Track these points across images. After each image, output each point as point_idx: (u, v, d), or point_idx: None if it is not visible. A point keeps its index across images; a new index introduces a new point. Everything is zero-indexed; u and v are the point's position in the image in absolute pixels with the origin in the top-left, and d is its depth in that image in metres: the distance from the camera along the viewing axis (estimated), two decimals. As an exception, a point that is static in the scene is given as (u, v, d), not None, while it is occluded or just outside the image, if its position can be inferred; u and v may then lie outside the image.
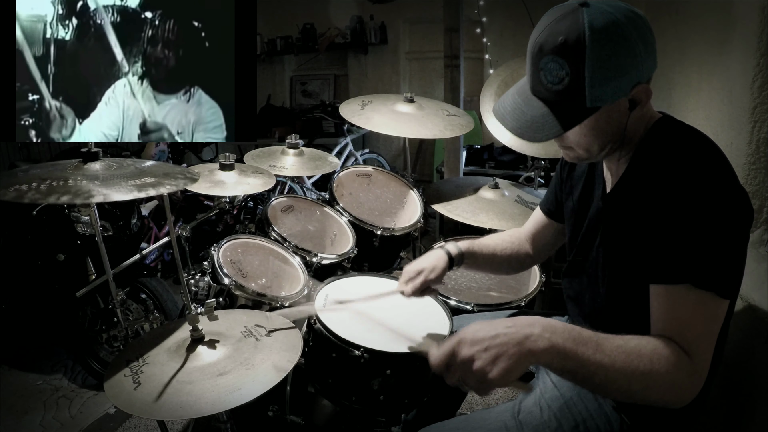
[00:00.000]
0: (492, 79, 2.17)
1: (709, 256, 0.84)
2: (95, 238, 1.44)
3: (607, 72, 0.84)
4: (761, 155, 1.38)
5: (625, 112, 0.91)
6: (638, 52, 0.84)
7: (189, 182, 1.27)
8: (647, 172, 0.93)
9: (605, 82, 0.85)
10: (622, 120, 0.92)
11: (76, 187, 1.11)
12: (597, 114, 0.89)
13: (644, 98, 0.89)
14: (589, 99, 0.86)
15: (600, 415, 1.04)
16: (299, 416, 1.56)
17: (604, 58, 0.83)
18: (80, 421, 2.17)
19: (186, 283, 1.63)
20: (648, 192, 0.91)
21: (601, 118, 0.90)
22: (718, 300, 0.85)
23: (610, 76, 0.85)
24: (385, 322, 1.33)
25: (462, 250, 1.30)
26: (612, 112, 0.90)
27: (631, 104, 0.90)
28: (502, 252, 1.36)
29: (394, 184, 2.21)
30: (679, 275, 0.85)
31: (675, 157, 0.89)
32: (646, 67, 0.87)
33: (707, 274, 0.84)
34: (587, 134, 0.93)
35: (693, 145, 0.90)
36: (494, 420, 1.09)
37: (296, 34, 5.02)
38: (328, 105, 4.71)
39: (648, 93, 0.89)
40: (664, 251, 0.87)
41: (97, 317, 2.27)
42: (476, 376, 0.80)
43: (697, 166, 0.86)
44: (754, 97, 1.37)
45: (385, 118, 2.03)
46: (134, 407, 1.01)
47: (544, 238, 1.36)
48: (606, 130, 0.93)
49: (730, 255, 0.87)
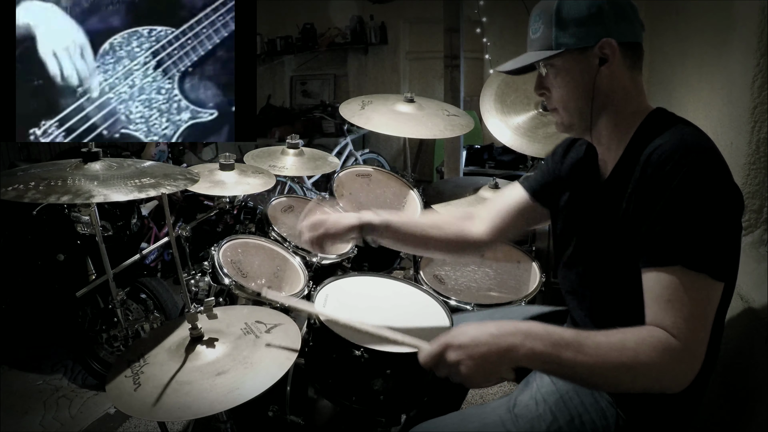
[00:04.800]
0: (492, 79, 2.17)
1: (700, 237, 0.85)
2: (95, 238, 1.45)
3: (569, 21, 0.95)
4: (761, 155, 1.38)
5: (594, 67, 0.97)
6: (605, 13, 0.94)
7: (189, 183, 1.27)
8: (639, 159, 0.94)
9: (565, 28, 0.96)
10: (591, 74, 0.97)
11: (75, 187, 1.11)
12: (567, 62, 0.98)
13: (611, 53, 0.95)
14: (554, 43, 0.97)
15: (596, 410, 1.04)
16: (299, 416, 1.56)
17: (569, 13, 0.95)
18: (80, 421, 2.17)
19: (186, 283, 1.62)
20: (640, 178, 0.92)
21: (572, 68, 0.98)
22: (711, 282, 0.85)
23: (571, 25, 0.95)
24: (385, 322, 1.33)
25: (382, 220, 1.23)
26: (581, 64, 0.97)
27: (600, 61, 0.96)
28: (440, 231, 1.28)
29: (394, 184, 2.21)
30: (670, 257, 0.86)
31: (665, 142, 0.90)
32: (614, 25, 0.95)
33: (699, 255, 0.84)
34: (562, 85, 1.01)
35: (683, 132, 0.92)
36: (490, 414, 1.09)
37: (296, 34, 5.03)
38: (328, 105, 4.71)
39: (614, 51, 0.95)
40: (654, 234, 0.88)
41: (97, 317, 2.27)
42: (462, 378, 0.89)
43: (686, 150, 0.88)
44: (754, 97, 1.37)
45: (385, 118, 2.03)
46: (134, 409, 1.01)
47: (513, 220, 1.27)
48: (576, 82, 0.99)
49: (722, 237, 0.87)
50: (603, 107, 1.00)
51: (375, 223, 1.23)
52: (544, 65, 1.02)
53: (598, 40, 0.94)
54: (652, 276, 0.88)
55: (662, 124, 0.96)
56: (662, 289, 0.86)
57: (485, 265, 1.92)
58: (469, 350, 0.88)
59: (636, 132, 0.99)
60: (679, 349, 0.83)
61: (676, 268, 0.85)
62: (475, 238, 1.29)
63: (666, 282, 0.86)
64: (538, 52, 1.00)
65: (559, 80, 1.01)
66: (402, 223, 1.27)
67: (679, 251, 0.85)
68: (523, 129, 2.02)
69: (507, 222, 1.28)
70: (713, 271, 0.85)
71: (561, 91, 1.02)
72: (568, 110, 1.03)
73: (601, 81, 0.97)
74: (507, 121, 2.05)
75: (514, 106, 2.08)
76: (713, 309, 0.87)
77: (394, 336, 1.02)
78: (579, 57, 0.97)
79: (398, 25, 4.77)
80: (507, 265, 1.91)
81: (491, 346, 0.87)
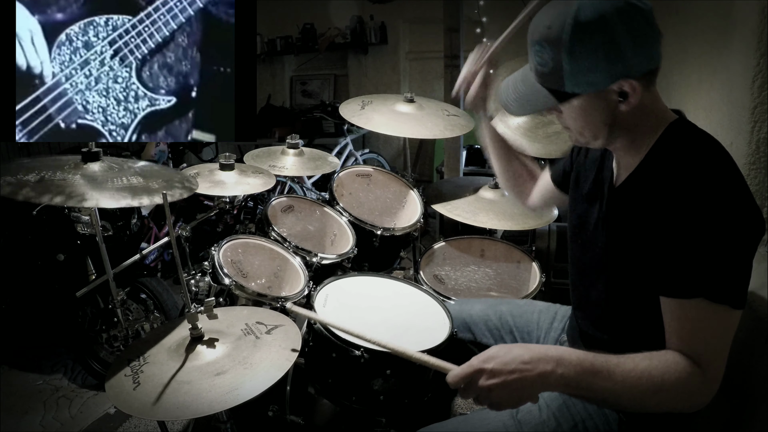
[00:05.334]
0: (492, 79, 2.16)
1: (723, 270, 0.84)
2: (95, 238, 1.44)
3: (583, 66, 0.87)
4: (761, 155, 1.38)
5: (614, 103, 0.91)
6: (623, 48, 0.85)
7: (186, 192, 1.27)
8: (659, 176, 0.92)
9: (581, 73, 0.88)
10: (610, 110, 0.92)
11: (69, 188, 1.10)
12: (583, 100, 0.92)
13: (631, 92, 0.89)
14: (567, 86, 0.90)
15: (599, 415, 1.04)
16: (299, 416, 1.56)
17: (582, 53, 0.86)
18: (80, 421, 2.17)
19: (186, 283, 1.62)
20: (659, 199, 0.90)
21: (588, 104, 0.92)
22: (732, 311, 0.86)
23: (585, 70, 0.87)
24: (385, 321, 1.33)
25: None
26: (599, 101, 0.92)
27: (620, 94, 0.90)
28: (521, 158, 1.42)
29: (394, 184, 2.21)
30: (692, 290, 0.86)
31: (689, 166, 0.88)
32: (635, 63, 0.86)
33: (721, 287, 0.85)
34: (577, 118, 0.96)
35: (707, 154, 0.90)
36: (493, 419, 1.09)
37: (296, 34, 5.02)
38: (328, 105, 4.71)
39: (635, 88, 0.88)
40: (676, 265, 0.87)
41: (97, 317, 2.27)
42: (491, 402, 0.88)
43: (711, 178, 0.86)
44: (754, 97, 1.37)
45: (384, 118, 2.03)
46: (133, 408, 1.01)
47: (547, 197, 1.39)
48: (594, 117, 0.94)
49: (743, 268, 0.87)
50: (620, 129, 0.96)
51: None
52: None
53: (616, 80, 0.88)
54: (673, 305, 0.89)
55: (683, 142, 0.93)
56: (684, 318, 0.87)
57: (485, 265, 1.92)
58: (502, 377, 0.87)
59: (655, 144, 0.96)
60: (701, 375, 0.85)
61: (698, 300, 0.85)
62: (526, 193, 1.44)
63: (688, 312, 0.87)
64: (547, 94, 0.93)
65: (573, 114, 0.96)
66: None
67: (701, 284, 0.85)
68: (523, 129, 2.02)
69: (544, 196, 1.40)
70: (734, 301, 0.85)
71: (575, 122, 0.97)
72: (583, 135, 0.99)
73: (618, 113, 0.93)
74: (507, 121, 2.05)
75: (514, 106, 2.07)
76: (732, 335, 0.88)
77: (421, 357, 1.01)
78: (596, 97, 0.91)
79: (398, 25, 4.77)
80: (507, 265, 1.91)
81: (524, 373, 0.86)
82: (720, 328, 0.86)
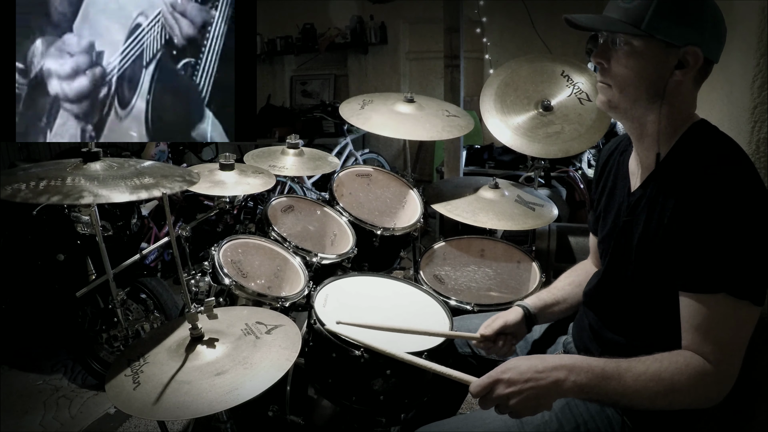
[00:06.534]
0: (492, 79, 2.17)
1: (746, 264, 0.85)
2: (95, 238, 1.44)
3: (670, 12, 0.90)
4: (761, 155, 1.38)
5: (670, 67, 0.92)
6: (705, 20, 0.91)
7: (188, 184, 1.27)
8: (680, 175, 0.93)
9: (664, 18, 0.90)
10: (664, 72, 0.93)
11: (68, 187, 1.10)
12: (648, 49, 0.93)
13: (692, 63, 0.91)
14: (646, 23, 0.91)
15: (601, 417, 1.04)
16: (299, 416, 1.56)
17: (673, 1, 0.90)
18: (80, 421, 2.17)
19: (186, 283, 1.62)
20: (680, 197, 0.91)
21: (650, 54, 0.93)
22: (753, 308, 0.86)
23: (669, 17, 0.90)
24: (385, 322, 1.34)
25: (537, 306, 1.28)
26: (660, 57, 0.93)
27: (678, 64, 0.92)
28: (575, 295, 1.29)
29: (394, 184, 2.21)
30: (715, 284, 0.86)
31: (710, 164, 0.89)
32: (708, 39, 0.91)
33: (744, 282, 0.85)
34: (631, 67, 0.95)
35: (728, 153, 0.92)
36: (494, 419, 1.09)
37: (296, 34, 5.02)
38: (328, 105, 4.71)
39: (697, 61, 0.91)
40: (699, 259, 0.87)
41: (97, 317, 2.27)
42: (510, 410, 0.94)
43: (732, 174, 0.87)
44: (754, 97, 1.37)
45: (384, 119, 2.03)
46: (133, 408, 1.01)
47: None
48: (647, 72, 0.94)
49: (765, 263, 0.87)
50: (658, 106, 0.97)
51: (537, 307, 1.29)
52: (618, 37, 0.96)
53: (688, 43, 0.90)
54: (692, 300, 0.89)
55: (707, 140, 0.95)
56: (703, 315, 0.88)
57: (485, 265, 1.92)
58: (518, 386, 0.92)
59: (678, 141, 0.97)
60: (714, 374, 0.86)
61: (720, 296, 0.85)
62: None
63: (707, 308, 0.87)
64: (624, 23, 0.93)
65: (630, 62, 0.95)
66: (552, 298, 1.31)
67: (724, 278, 0.85)
68: (523, 129, 2.02)
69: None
70: (756, 297, 0.85)
71: (626, 72, 0.96)
72: (624, 93, 0.98)
73: (670, 82, 0.94)
74: (507, 121, 2.05)
75: (514, 106, 2.08)
76: (750, 333, 0.88)
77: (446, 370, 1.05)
78: (661, 50, 0.92)
79: (398, 25, 4.77)
80: (507, 265, 1.91)
81: (539, 381, 0.92)
82: (740, 324, 0.87)
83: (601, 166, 1.23)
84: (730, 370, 0.87)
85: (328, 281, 1.48)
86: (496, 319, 1.26)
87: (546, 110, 2.04)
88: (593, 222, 1.27)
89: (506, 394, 0.93)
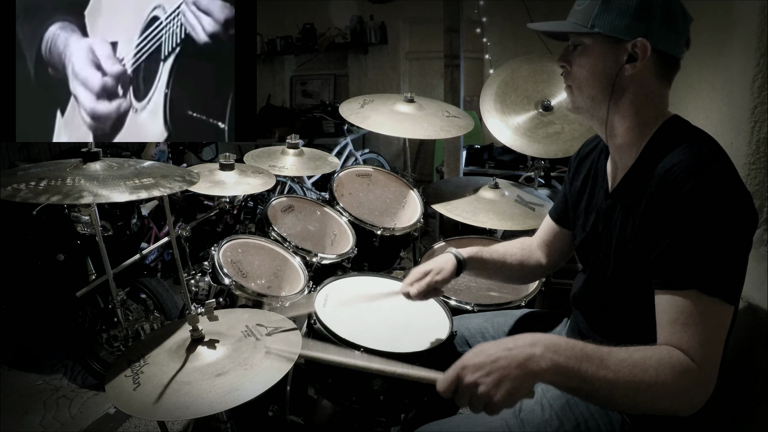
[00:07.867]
0: (492, 79, 2.17)
1: (716, 261, 0.84)
2: (95, 238, 1.44)
3: (614, 8, 0.93)
4: (761, 155, 1.38)
5: (620, 62, 0.95)
6: (654, 12, 0.92)
7: (188, 184, 1.27)
8: (653, 173, 0.93)
9: (608, 14, 0.94)
10: (614, 67, 0.96)
11: (72, 187, 1.11)
12: (595, 45, 0.97)
13: (641, 55, 0.93)
14: (591, 21, 0.95)
15: (601, 415, 1.04)
16: (299, 416, 1.56)
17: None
18: (80, 421, 2.17)
19: (186, 283, 1.62)
20: (655, 194, 0.91)
21: (599, 50, 0.97)
22: (725, 306, 0.85)
23: (614, 13, 0.93)
24: (385, 321, 1.33)
25: (470, 254, 1.29)
26: (608, 52, 0.96)
27: (629, 58, 0.94)
28: (512, 258, 1.34)
29: (394, 184, 2.21)
30: (685, 281, 0.85)
31: (683, 160, 0.89)
32: (657, 31, 0.92)
33: (714, 279, 0.84)
34: (584, 66, 0.99)
35: (701, 148, 0.91)
36: (495, 418, 1.08)
37: (296, 34, 5.02)
38: (328, 105, 4.71)
39: (645, 53, 0.93)
40: (670, 257, 0.87)
41: (97, 317, 2.27)
42: (482, 400, 0.82)
43: (704, 170, 0.86)
44: (754, 97, 1.37)
45: (384, 117, 2.03)
46: (133, 408, 1.01)
47: (555, 246, 1.34)
48: (598, 69, 0.98)
49: (737, 260, 0.87)
50: (619, 104, 0.99)
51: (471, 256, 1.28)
52: (573, 39, 1.01)
53: (634, 37, 0.93)
54: (666, 298, 0.88)
55: (678, 136, 0.95)
56: (677, 312, 0.86)
57: (485, 265, 1.92)
58: (486, 368, 0.81)
59: (651, 140, 0.98)
60: (696, 371, 0.83)
61: (692, 292, 0.84)
62: (540, 263, 1.36)
63: (681, 305, 0.85)
64: (573, 23, 0.98)
65: (582, 60, 1.00)
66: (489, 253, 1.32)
67: (694, 275, 0.85)
68: (523, 129, 2.02)
69: (552, 248, 1.35)
70: (727, 295, 0.85)
71: (581, 71, 1.00)
72: (582, 92, 1.02)
73: (622, 77, 0.96)
74: (507, 121, 2.05)
75: (514, 106, 2.08)
76: (725, 332, 0.87)
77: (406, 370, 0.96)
78: (609, 45, 0.95)
79: (398, 25, 4.77)
80: (507, 265, 1.91)
81: (510, 359, 0.81)
82: (713, 322, 0.85)
83: (578, 162, 1.23)
84: (711, 370, 0.84)
85: (328, 281, 1.48)
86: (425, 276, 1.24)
87: (546, 110, 2.04)
88: (560, 213, 1.29)
89: (474, 380, 0.81)
